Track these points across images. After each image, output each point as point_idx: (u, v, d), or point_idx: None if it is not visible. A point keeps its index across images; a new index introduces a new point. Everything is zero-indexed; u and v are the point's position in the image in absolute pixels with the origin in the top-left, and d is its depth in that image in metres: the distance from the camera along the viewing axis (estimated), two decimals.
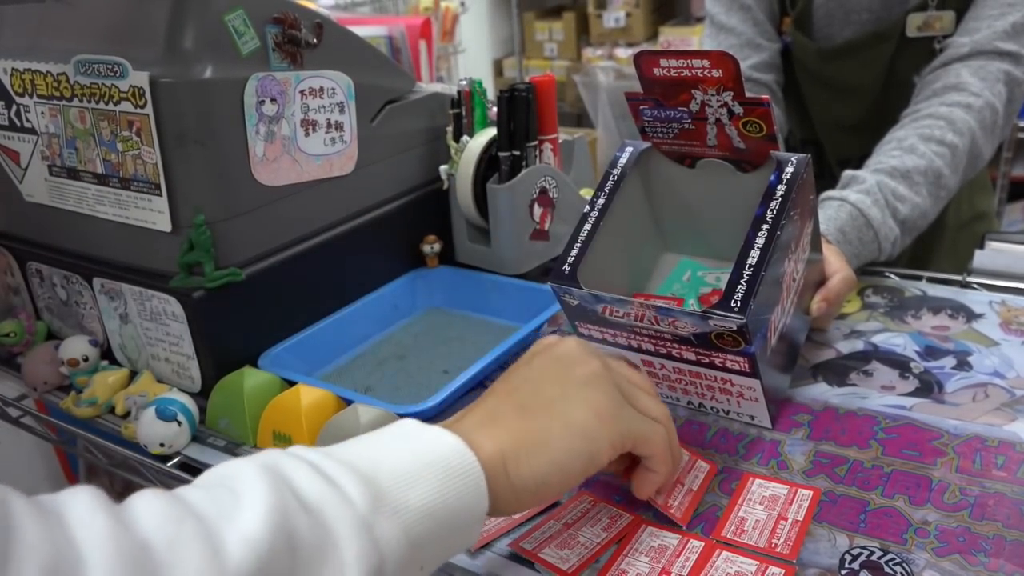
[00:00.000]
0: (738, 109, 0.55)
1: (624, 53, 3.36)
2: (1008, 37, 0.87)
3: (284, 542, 0.32)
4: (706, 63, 0.53)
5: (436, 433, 0.41)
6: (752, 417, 0.61)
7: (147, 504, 0.31)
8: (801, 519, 0.51)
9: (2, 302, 0.85)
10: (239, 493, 0.33)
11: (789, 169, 0.56)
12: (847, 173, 0.84)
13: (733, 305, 0.51)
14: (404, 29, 2.03)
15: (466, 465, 0.40)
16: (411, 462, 0.38)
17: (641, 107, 0.59)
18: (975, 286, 0.81)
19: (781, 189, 0.55)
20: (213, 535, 0.30)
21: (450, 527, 0.38)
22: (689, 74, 0.54)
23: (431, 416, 0.64)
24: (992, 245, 0.91)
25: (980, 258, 0.85)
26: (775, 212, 0.54)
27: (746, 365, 0.55)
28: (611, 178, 0.63)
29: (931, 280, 0.82)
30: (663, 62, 0.55)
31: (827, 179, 1.11)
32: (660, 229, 0.70)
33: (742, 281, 0.52)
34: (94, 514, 0.29)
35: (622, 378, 0.48)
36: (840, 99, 1.05)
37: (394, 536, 0.36)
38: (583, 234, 0.60)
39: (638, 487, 0.50)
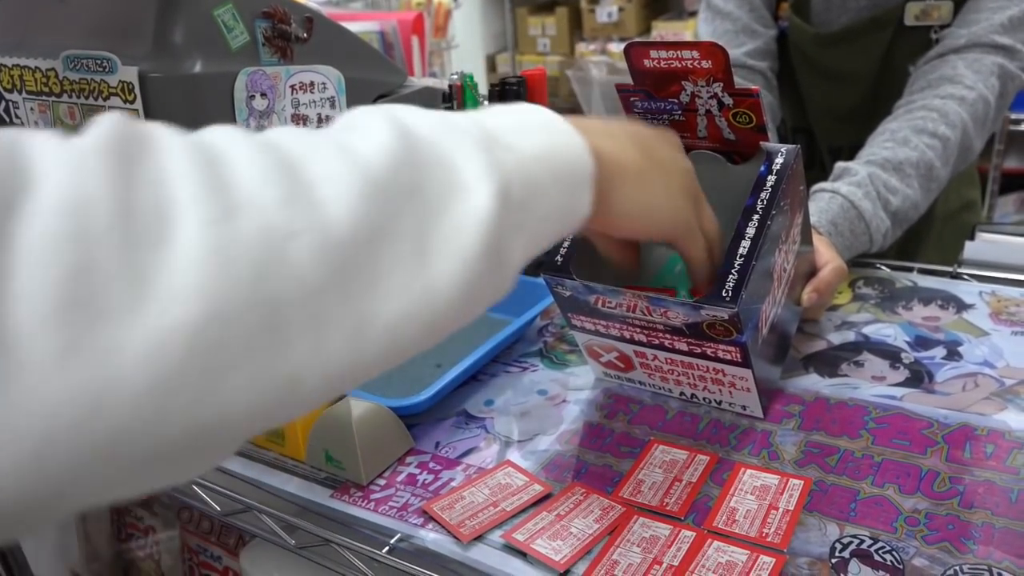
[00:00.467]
0: (728, 100, 0.55)
1: (617, 48, 3.35)
2: (1005, 31, 0.88)
3: (409, 155, 0.32)
4: (695, 54, 0.53)
5: (538, 108, 0.40)
6: (744, 407, 0.61)
7: (276, 129, 0.32)
8: (792, 508, 0.51)
9: None
10: (359, 127, 0.33)
11: (779, 160, 0.56)
12: (839, 165, 0.84)
13: (724, 295, 0.51)
14: (396, 24, 2.02)
15: (567, 131, 0.39)
16: (520, 121, 0.38)
17: (632, 99, 0.59)
18: (966, 277, 0.81)
19: (771, 179, 0.55)
20: (342, 143, 0.31)
21: (557, 178, 0.38)
22: (679, 65, 0.54)
23: (423, 410, 0.64)
24: (983, 236, 0.91)
25: (971, 249, 0.85)
26: (765, 202, 0.54)
27: (737, 355, 0.55)
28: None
29: (922, 271, 0.83)
30: (653, 53, 0.55)
31: (817, 168, 1.11)
32: None
33: (733, 271, 0.52)
34: (225, 128, 0.30)
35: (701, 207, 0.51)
36: (835, 86, 1.05)
37: (512, 165, 0.35)
38: None
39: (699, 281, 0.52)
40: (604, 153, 0.41)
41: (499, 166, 0.34)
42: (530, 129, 0.38)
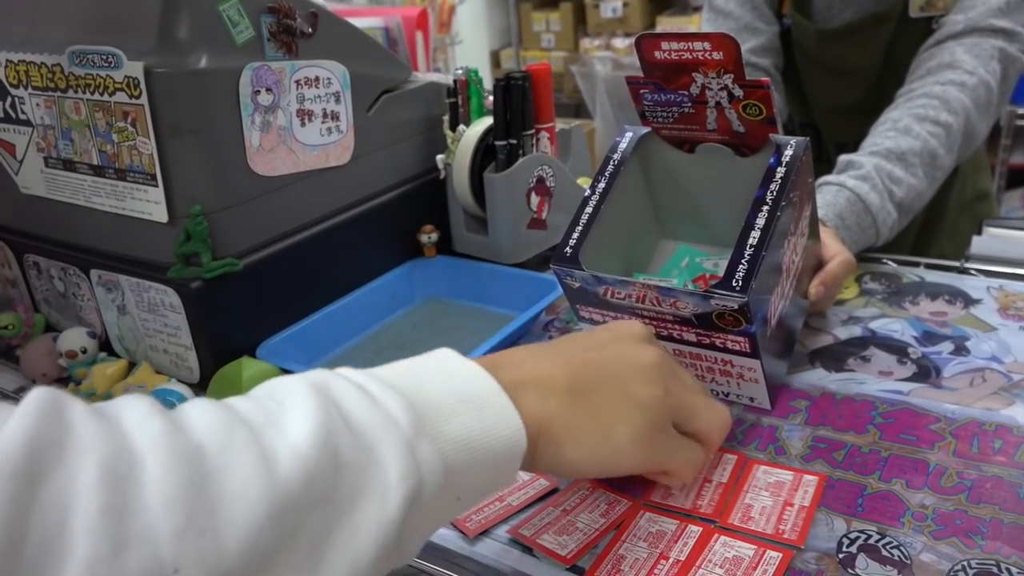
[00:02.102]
0: (738, 92, 0.55)
1: (622, 43, 3.35)
2: (1002, 14, 0.87)
3: (330, 458, 0.32)
4: (707, 45, 0.53)
5: (476, 372, 0.40)
6: (752, 399, 0.61)
7: (200, 411, 0.32)
8: (808, 505, 0.51)
9: (0, 295, 0.85)
10: (287, 407, 0.33)
11: (788, 152, 0.56)
12: (843, 157, 0.83)
13: (734, 284, 0.51)
14: (400, 20, 2.02)
15: (506, 411, 0.39)
16: (453, 394, 0.38)
17: (642, 91, 0.59)
18: (973, 272, 0.81)
19: (781, 171, 0.55)
20: (264, 444, 0.31)
21: (485, 463, 0.38)
22: (690, 57, 0.54)
23: None
24: (990, 231, 0.91)
25: (978, 244, 0.85)
26: (775, 194, 0.54)
27: (746, 345, 0.55)
28: (611, 163, 0.63)
29: (929, 266, 0.82)
30: (664, 45, 0.55)
31: (824, 163, 1.11)
32: (659, 215, 0.70)
33: (743, 261, 0.52)
34: (150, 418, 0.30)
35: (679, 383, 0.48)
36: (839, 82, 1.05)
37: (433, 461, 0.35)
38: (584, 217, 0.60)
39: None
40: (543, 420, 0.41)
41: (418, 467, 0.34)
42: (465, 410, 0.38)
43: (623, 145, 0.63)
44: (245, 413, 0.32)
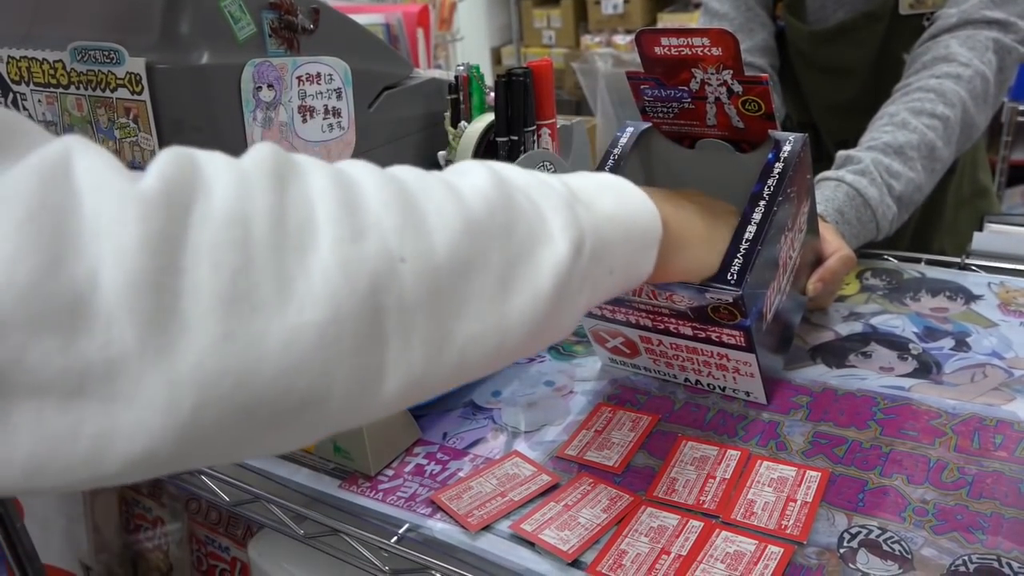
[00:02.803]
0: (737, 88, 0.55)
1: (623, 40, 3.34)
2: (995, 5, 0.87)
3: (506, 201, 0.36)
4: (706, 41, 0.53)
5: (609, 175, 0.46)
6: (748, 393, 0.61)
7: (395, 166, 0.36)
8: (811, 500, 0.51)
9: None
10: (466, 169, 0.38)
11: (787, 148, 0.56)
12: (842, 153, 0.84)
13: (729, 278, 0.51)
14: (401, 17, 2.02)
15: (641, 197, 0.45)
16: (596, 184, 0.44)
17: (642, 86, 0.59)
18: (974, 268, 0.81)
19: (779, 167, 0.55)
20: (450, 183, 0.35)
21: (627, 237, 0.43)
22: (689, 52, 0.54)
23: (431, 401, 0.64)
24: (991, 227, 0.91)
25: (979, 240, 0.85)
26: (772, 189, 0.54)
27: (741, 339, 0.55)
28: (612, 157, 0.63)
29: (930, 262, 0.82)
30: (664, 40, 0.55)
31: (824, 162, 1.11)
32: None
33: (739, 255, 0.52)
34: (352, 161, 0.35)
35: None
36: (834, 81, 1.05)
37: (589, 220, 0.40)
38: None
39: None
40: (671, 220, 0.46)
41: (578, 222, 0.39)
42: (607, 192, 0.43)
43: (623, 140, 0.63)
44: (430, 172, 0.37)
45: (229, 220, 0.28)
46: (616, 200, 0.43)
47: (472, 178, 0.37)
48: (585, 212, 0.40)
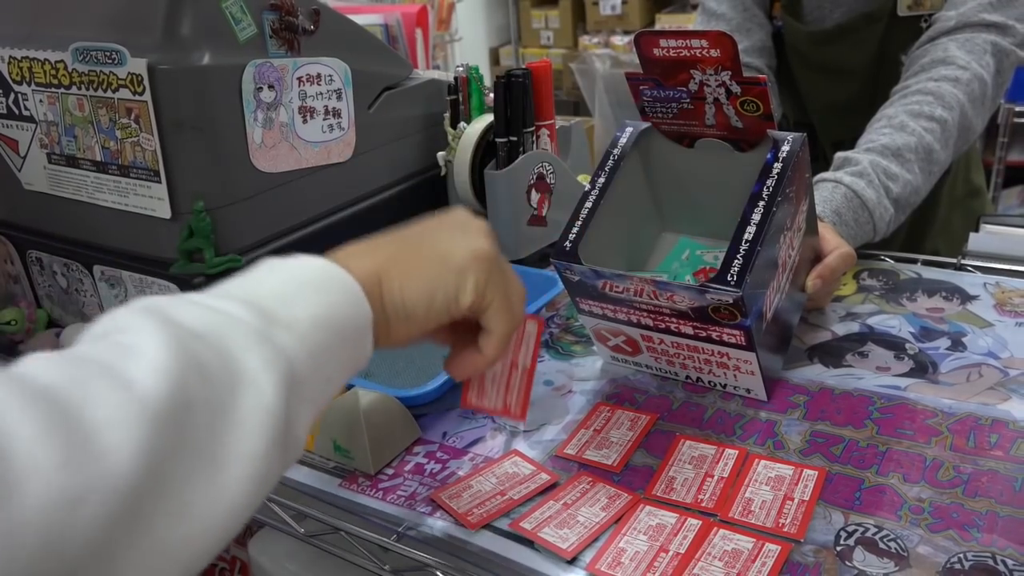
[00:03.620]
0: (736, 88, 0.55)
1: (621, 40, 3.35)
2: (993, 8, 0.88)
3: (191, 366, 0.31)
4: (704, 43, 0.53)
5: (303, 259, 0.41)
6: (748, 390, 0.62)
7: (39, 363, 0.30)
8: (807, 499, 0.52)
9: (2, 290, 0.85)
10: (131, 336, 0.32)
11: (785, 147, 0.57)
12: (840, 154, 0.84)
13: (729, 278, 0.52)
14: (400, 17, 2.02)
15: (340, 279, 0.40)
16: (287, 283, 0.39)
17: (641, 87, 0.60)
18: (970, 268, 0.81)
19: (777, 167, 0.56)
20: (118, 373, 0.30)
21: (341, 337, 0.39)
22: (688, 54, 0.55)
23: (431, 400, 0.65)
24: (987, 228, 0.91)
25: (975, 240, 0.85)
26: (771, 189, 0.55)
27: (742, 338, 0.56)
28: (611, 158, 0.63)
29: (926, 263, 0.83)
30: (663, 42, 0.55)
31: (821, 162, 1.12)
32: (659, 209, 0.70)
33: (738, 255, 0.52)
34: None
35: (507, 268, 0.48)
36: (831, 81, 1.06)
37: (293, 344, 0.36)
38: (584, 212, 0.61)
39: (458, 366, 0.48)
40: (369, 272, 0.42)
41: (281, 352, 0.34)
42: (303, 293, 0.38)
43: (623, 140, 0.64)
44: (87, 353, 0.31)
45: None
46: (316, 297, 0.38)
47: (140, 349, 0.31)
48: (286, 335, 0.36)
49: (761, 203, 0.54)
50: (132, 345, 0.31)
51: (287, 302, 0.37)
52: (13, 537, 0.24)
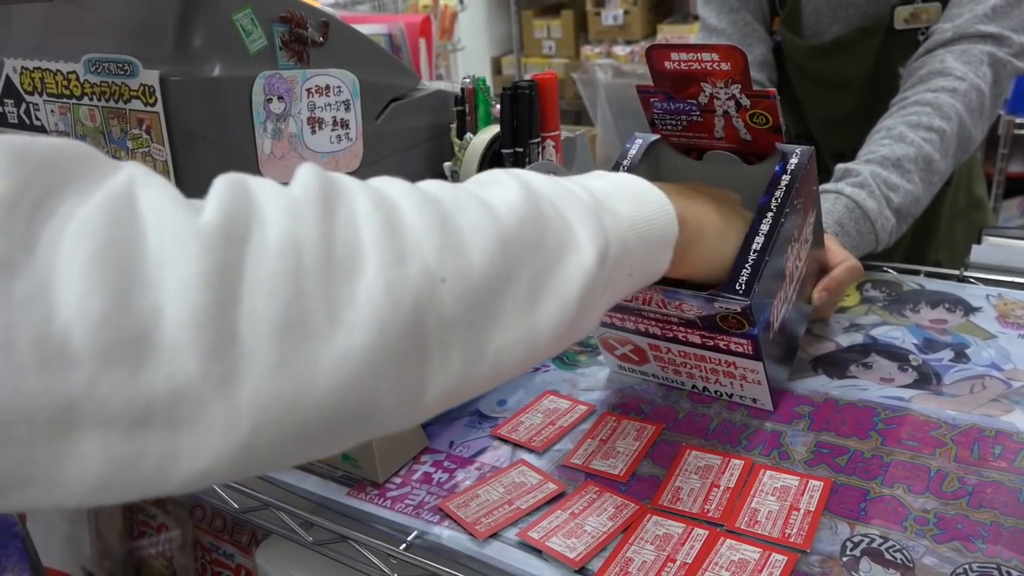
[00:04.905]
0: (745, 101, 0.56)
1: (622, 51, 3.36)
2: (989, 20, 0.88)
3: (535, 212, 0.38)
4: (715, 56, 0.54)
5: (625, 176, 0.48)
6: (755, 400, 0.62)
7: (427, 182, 0.38)
8: (813, 510, 0.52)
9: None
10: (498, 183, 0.40)
11: (793, 160, 0.57)
12: (840, 166, 0.85)
13: (738, 287, 0.52)
14: (404, 27, 2.03)
15: (662, 200, 0.46)
16: (618, 185, 0.46)
17: (652, 99, 0.60)
18: (972, 280, 0.82)
19: (785, 179, 0.56)
20: (482, 197, 0.37)
21: (648, 243, 0.45)
22: (699, 67, 0.55)
23: None
24: (989, 240, 0.92)
25: (977, 252, 0.86)
26: (779, 201, 0.55)
27: (749, 347, 0.56)
28: (621, 168, 0.64)
29: (929, 274, 0.83)
30: (674, 55, 0.56)
31: (822, 174, 1.12)
32: None
33: (747, 265, 0.53)
34: (391, 179, 0.36)
35: None
36: (831, 94, 1.07)
37: (613, 229, 0.41)
38: None
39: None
40: (686, 216, 0.48)
41: (603, 231, 0.40)
42: (627, 196, 0.45)
43: (633, 151, 0.65)
44: (460, 186, 0.39)
45: (282, 250, 0.29)
46: (636, 204, 0.45)
47: (503, 191, 0.38)
48: (610, 220, 0.41)
49: (769, 214, 0.55)
50: (495, 187, 0.39)
51: (615, 197, 0.44)
52: (396, 293, 0.31)
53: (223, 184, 0.31)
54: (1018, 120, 2.50)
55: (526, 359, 0.37)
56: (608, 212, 0.42)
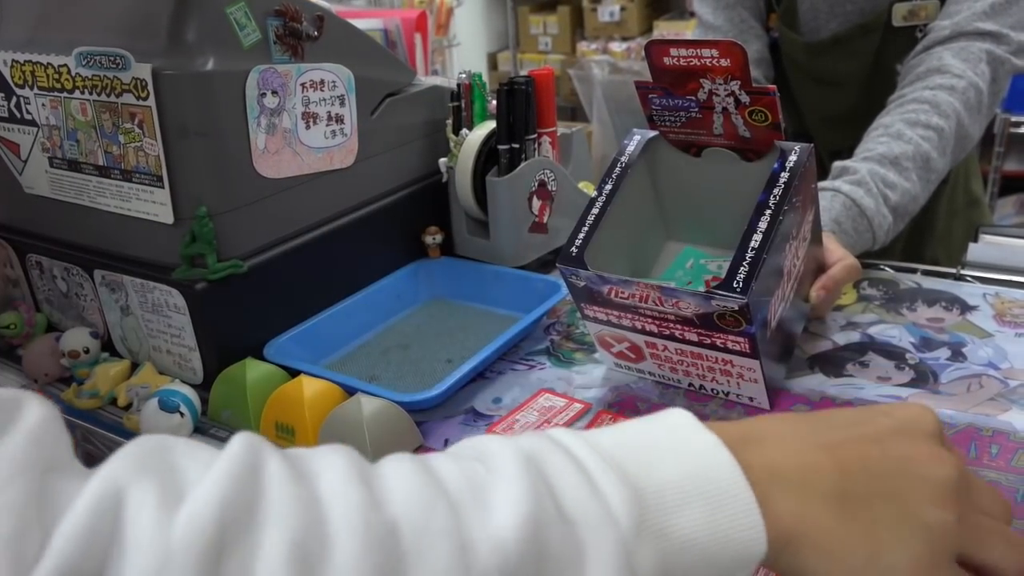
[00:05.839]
0: (745, 98, 0.56)
1: (619, 47, 3.36)
2: (987, 17, 0.88)
3: (534, 552, 0.28)
4: (715, 52, 0.54)
5: (714, 446, 0.32)
6: (751, 398, 0.62)
7: (402, 475, 0.29)
8: None
9: (1, 294, 0.85)
10: (495, 479, 0.29)
11: (792, 157, 0.57)
12: (838, 164, 0.85)
13: (735, 285, 0.52)
14: (399, 22, 2.02)
15: (750, 514, 0.31)
16: (686, 477, 0.31)
17: (650, 95, 0.60)
18: (969, 279, 0.81)
19: (784, 176, 0.56)
20: (464, 530, 0.27)
21: (710, 567, 0.31)
22: (698, 63, 0.55)
23: (435, 404, 0.65)
24: (985, 238, 0.92)
25: (974, 251, 0.86)
26: (777, 198, 0.55)
27: (746, 345, 0.56)
28: (619, 165, 0.63)
29: (926, 273, 0.83)
30: (673, 51, 0.56)
31: (818, 171, 1.12)
32: (664, 217, 0.71)
33: (744, 263, 0.53)
34: (348, 484, 0.27)
35: (976, 505, 0.35)
36: (828, 91, 1.06)
37: (651, 565, 0.30)
38: (591, 218, 0.61)
39: None
40: (795, 527, 0.32)
41: (633, 574, 0.29)
42: (697, 502, 0.31)
43: (630, 148, 0.64)
44: (449, 482, 0.29)
45: None
46: (706, 514, 0.30)
47: (498, 513, 0.28)
48: (649, 552, 0.29)
49: (767, 212, 0.55)
50: (492, 495, 0.28)
51: (673, 505, 0.30)
52: None
53: (85, 514, 0.24)
54: (1014, 118, 2.50)
55: None
56: (650, 535, 0.29)
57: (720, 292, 0.52)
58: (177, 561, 0.23)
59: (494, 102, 0.84)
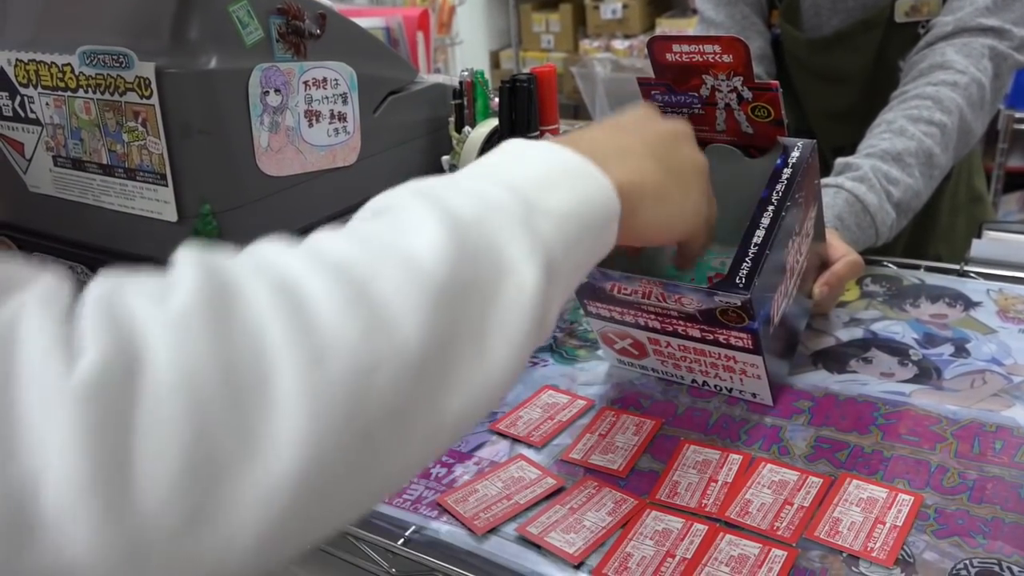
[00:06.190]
0: (747, 94, 0.56)
1: (621, 45, 3.35)
2: (990, 13, 0.88)
3: (462, 248, 0.33)
4: (717, 48, 0.54)
5: (557, 149, 0.40)
6: (754, 395, 0.62)
7: (328, 238, 0.33)
8: (807, 505, 0.52)
9: None
10: (408, 217, 0.34)
11: (795, 153, 0.57)
12: (840, 160, 0.84)
13: (738, 281, 0.52)
14: (402, 20, 2.02)
15: (595, 176, 0.40)
16: (544, 171, 0.39)
17: (653, 92, 0.60)
18: (972, 275, 0.81)
19: (787, 172, 0.56)
20: (402, 249, 0.32)
21: (591, 228, 0.39)
22: (700, 59, 0.55)
23: None
24: (989, 234, 0.92)
25: (977, 247, 0.86)
26: (780, 194, 0.55)
27: (749, 342, 0.56)
28: None
29: (929, 269, 0.83)
30: (675, 47, 0.56)
31: (821, 167, 1.12)
32: None
33: (747, 259, 0.53)
34: (288, 249, 0.31)
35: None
36: (830, 88, 1.06)
37: (551, 233, 0.36)
38: None
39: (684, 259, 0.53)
40: (625, 183, 0.41)
41: (541, 240, 0.35)
42: (559, 182, 0.39)
43: None
44: (370, 230, 0.33)
45: (175, 386, 0.25)
46: (568, 188, 0.39)
47: (423, 233, 0.32)
48: (544, 221, 0.36)
49: (770, 208, 0.55)
50: (411, 227, 0.33)
51: (543, 186, 0.38)
52: (322, 399, 0.27)
53: (97, 313, 0.26)
54: (1017, 115, 2.49)
55: (488, 406, 0.34)
56: (540, 212, 0.36)
57: (723, 288, 0.52)
58: (189, 323, 0.26)
59: (496, 100, 0.84)
